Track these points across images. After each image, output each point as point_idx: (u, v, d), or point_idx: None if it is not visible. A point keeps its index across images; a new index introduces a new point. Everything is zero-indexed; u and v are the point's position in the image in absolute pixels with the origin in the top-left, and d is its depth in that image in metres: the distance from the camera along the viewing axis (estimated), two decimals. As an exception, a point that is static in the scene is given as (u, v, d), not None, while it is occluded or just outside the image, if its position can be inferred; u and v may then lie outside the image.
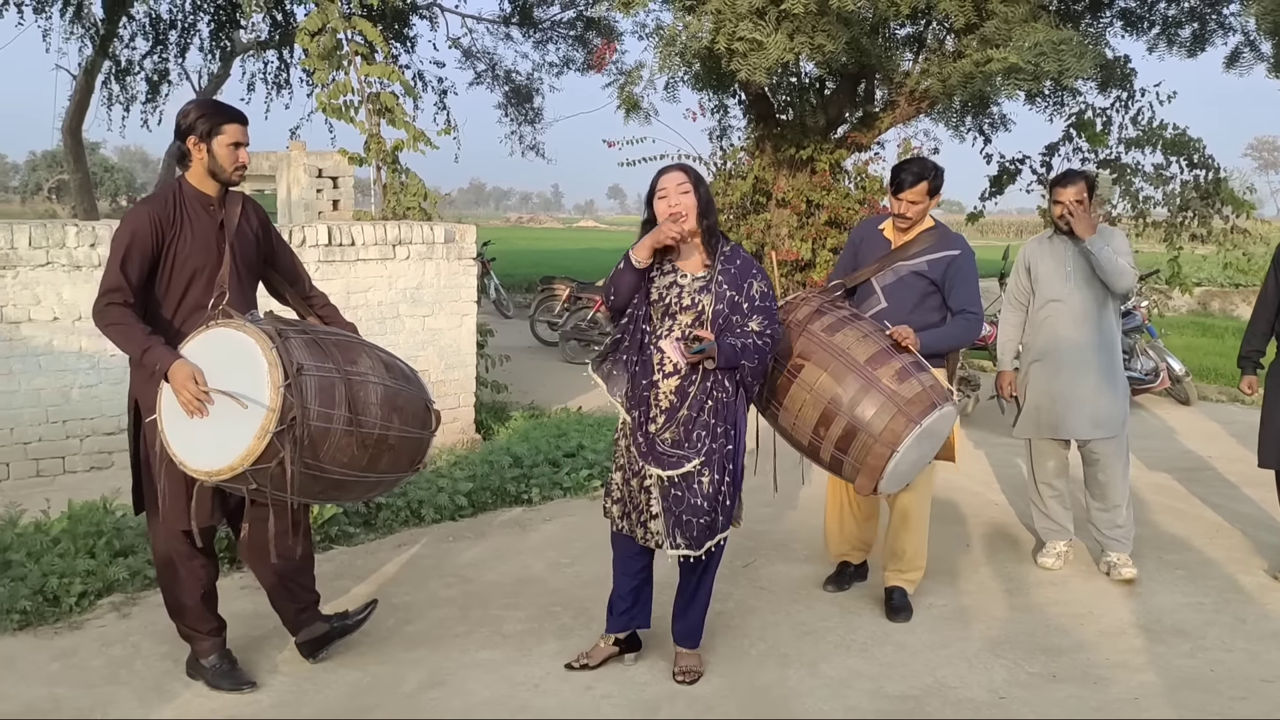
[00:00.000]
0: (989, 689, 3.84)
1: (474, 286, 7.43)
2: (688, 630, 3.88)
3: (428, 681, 3.79)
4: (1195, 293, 17.81)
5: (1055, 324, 4.99)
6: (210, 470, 3.19)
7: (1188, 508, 6.28)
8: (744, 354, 3.59)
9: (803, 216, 11.38)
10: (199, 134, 3.48)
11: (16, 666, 3.82)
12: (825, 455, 3.97)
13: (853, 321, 4.05)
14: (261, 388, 3.11)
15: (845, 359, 3.88)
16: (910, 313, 4.31)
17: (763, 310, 3.67)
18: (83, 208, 16.87)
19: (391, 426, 3.39)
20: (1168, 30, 11.84)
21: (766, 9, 8.84)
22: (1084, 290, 4.94)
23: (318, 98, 7.88)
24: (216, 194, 3.57)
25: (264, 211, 3.82)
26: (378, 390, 3.37)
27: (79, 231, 5.86)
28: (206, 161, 3.51)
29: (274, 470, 3.14)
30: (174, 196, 3.51)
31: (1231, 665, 4.09)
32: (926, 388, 3.87)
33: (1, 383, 5.68)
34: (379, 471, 3.44)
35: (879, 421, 3.79)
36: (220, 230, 3.54)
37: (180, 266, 3.48)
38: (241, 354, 3.18)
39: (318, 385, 3.21)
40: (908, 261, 4.43)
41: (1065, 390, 4.97)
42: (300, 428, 3.13)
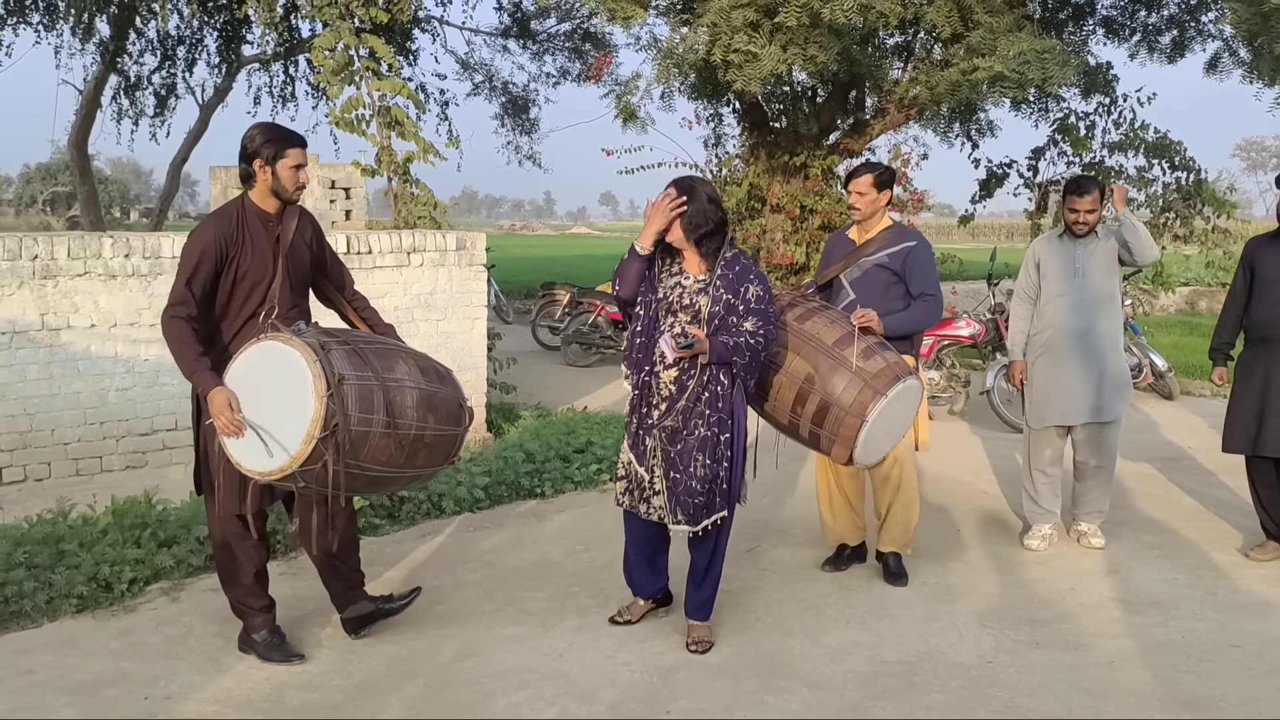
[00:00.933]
0: (977, 655, 4.17)
1: (484, 292, 7.77)
2: (700, 604, 4.23)
3: (461, 653, 4.12)
4: (1183, 292, 18.21)
5: (1061, 316, 5.37)
6: (262, 471, 3.53)
7: (1167, 494, 6.63)
8: (735, 351, 3.95)
9: (797, 221, 11.73)
10: (265, 157, 3.80)
11: (80, 644, 4.13)
12: (804, 431, 4.34)
13: (821, 311, 4.46)
14: (307, 397, 3.43)
15: (815, 343, 4.27)
16: (876, 302, 4.71)
17: (758, 312, 4.01)
18: (89, 220, 17.16)
19: (427, 426, 3.69)
20: (1148, 37, 12.21)
21: (760, 22, 9.19)
22: (1089, 286, 5.33)
23: (331, 112, 8.21)
24: (275, 210, 3.90)
25: (318, 224, 4.15)
26: (413, 394, 3.67)
27: (114, 243, 6.19)
28: (271, 182, 3.83)
29: (319, 471, 3.47)
30: (237, 214, 3.83)
31: (1202, 633, 4.42)
32: (890, 364, 4.26)
33: (42, 386, 6.00)
34: (416, 466, 3.76)
35: (848, 395, 4.16)
36: (276, 244, 3.86)
37: (241, 280, 3.81)
38: (289, 366, 3.50)
39: (358, 393, 3.52)
40: (870, 256, 4.85)
41: (1070, 379, 5.36)
42: (342, 433, 3.45)
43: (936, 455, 7.48)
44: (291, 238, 3.91)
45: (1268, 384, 5.18)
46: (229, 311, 3.84)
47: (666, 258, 4.11)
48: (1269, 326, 5.23)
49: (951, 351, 9.28)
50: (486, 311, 7.86)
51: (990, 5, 9.96)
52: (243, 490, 3.82)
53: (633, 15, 9.77)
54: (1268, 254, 5.30)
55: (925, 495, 6.45)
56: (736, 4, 9.07)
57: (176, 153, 17.91)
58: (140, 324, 6.28)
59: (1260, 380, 5.22)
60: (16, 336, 5.93)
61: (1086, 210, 5.30)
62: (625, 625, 4.38)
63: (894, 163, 11.60)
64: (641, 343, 4.10)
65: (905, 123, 11.88)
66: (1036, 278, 5.52)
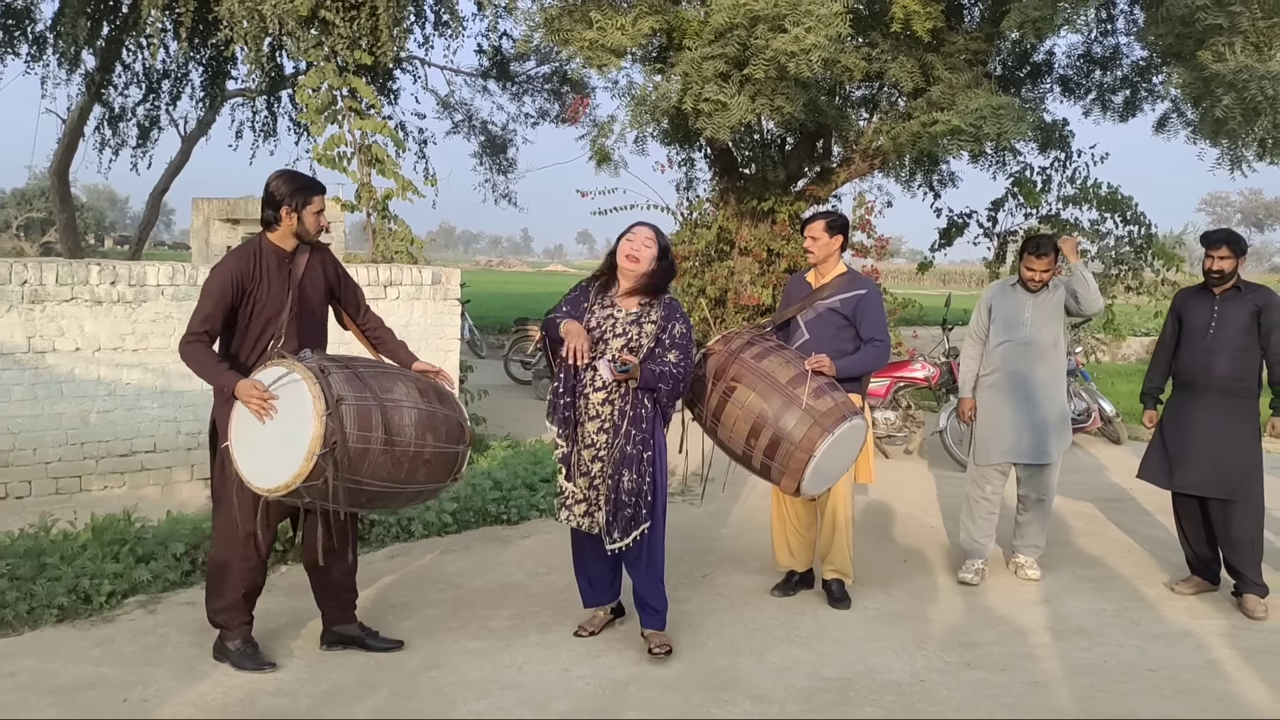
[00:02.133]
0: (911, 673, 4.45)
1: (457, 325, 8.05)
2: (654, 614, 4.54)
3: (425, 664, 4.35)
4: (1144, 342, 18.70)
5: (1008, 361, 5.72)
6: (270, 487, 3.81)
7: (1104, 532, 6.95)
8: (660, 379, 4.38)
9: (764, 264, 12.09)
10: (292, 204, 4.14)
11: (61, 651, 4.34)
12: (756, 462, 4.66)
13: (778, 350, 4.80)
14: (307, 415, 3.71)
15: (770, 380, 4.60)
16: (828, 343, 5.05)
17: (681, 347, 4.44)
18: (67, 246, 17.32)
19: (426, 444, 3.97)
20: (1102, 96, 12.75)
21: (730, 73, 9.58)
22: (1036, 334, 5.68)
23: (314, 150, 8.50)
24: (292, 249, 4.23)
25: (334, 261, 4.47)
26: (411, 413, 3.95)
27: (101, 270, 6.43)
28: (295, 226, 4.17)
29: (321, 486, 3.74)
30: (255, 253, 4.16)
31: (1122, 658, 4.73)
32: (839, 403, 4.59)
33: (27, 407, 6.21)
34: (418, 482, 4.03)
35: (799, 431, 4.48)
36: (289, 279, 4.18)
37: (257, 313, 4.12)
38: (293, 391, 3.81)
39: (356, 412, 3.80)
40: (824, 300, 5.19)
41: (1014, 420, 5.69)
42: (340, 450, 3.73)
43: (890, 491, 7.80)
44: (303, 273, 4.22)
45: (1188, 427, 5.52)
46: (245, 342, 4.15)
47: (600, 292, 4.48)
48: (1193, 374, 5.56)
49: (907, 393, 9.62)
50: (460, 345, 8.12)
51: (950, 62, 10.44)
52: (255, 507, 4.07)
53: (609, 63, 10.13)
54: (1194, 306, 5.63)
55: (878, 528, 6.76)
56: (707, 55, 9.45)
57: (157, 183, 18.16)
58: (124, 349, 6.52)
59: (1183, 423, 5.55)
60: (3, 358, 6.14)
61: (1042, 270, 5.66)
62: (588, 638, 4.66)
63: (858, 210, 12.00)
64: (569, 376, 4.45)
65: (870, 171, 12.30)
66: (987, 321, 5.87)
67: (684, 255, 12.58)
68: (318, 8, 8.67)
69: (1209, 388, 5.46)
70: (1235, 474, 5.39)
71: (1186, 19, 8.99)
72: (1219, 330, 5.44)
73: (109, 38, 13.27)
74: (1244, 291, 5.46)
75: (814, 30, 8.71)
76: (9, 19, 13.09)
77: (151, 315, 6.62)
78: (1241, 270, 5.54)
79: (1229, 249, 5.43)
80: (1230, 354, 5.41)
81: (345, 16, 8.79)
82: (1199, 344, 5.53)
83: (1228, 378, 5.41)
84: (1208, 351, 5.46)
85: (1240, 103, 8.96)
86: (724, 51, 9.36)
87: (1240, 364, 5.41)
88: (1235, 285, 5.47)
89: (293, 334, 4.15)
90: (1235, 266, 5.46)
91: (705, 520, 6.75)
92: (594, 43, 9.65)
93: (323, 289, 4.36)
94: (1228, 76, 8.69)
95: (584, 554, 4.69)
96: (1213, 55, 8.76)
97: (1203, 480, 5.45)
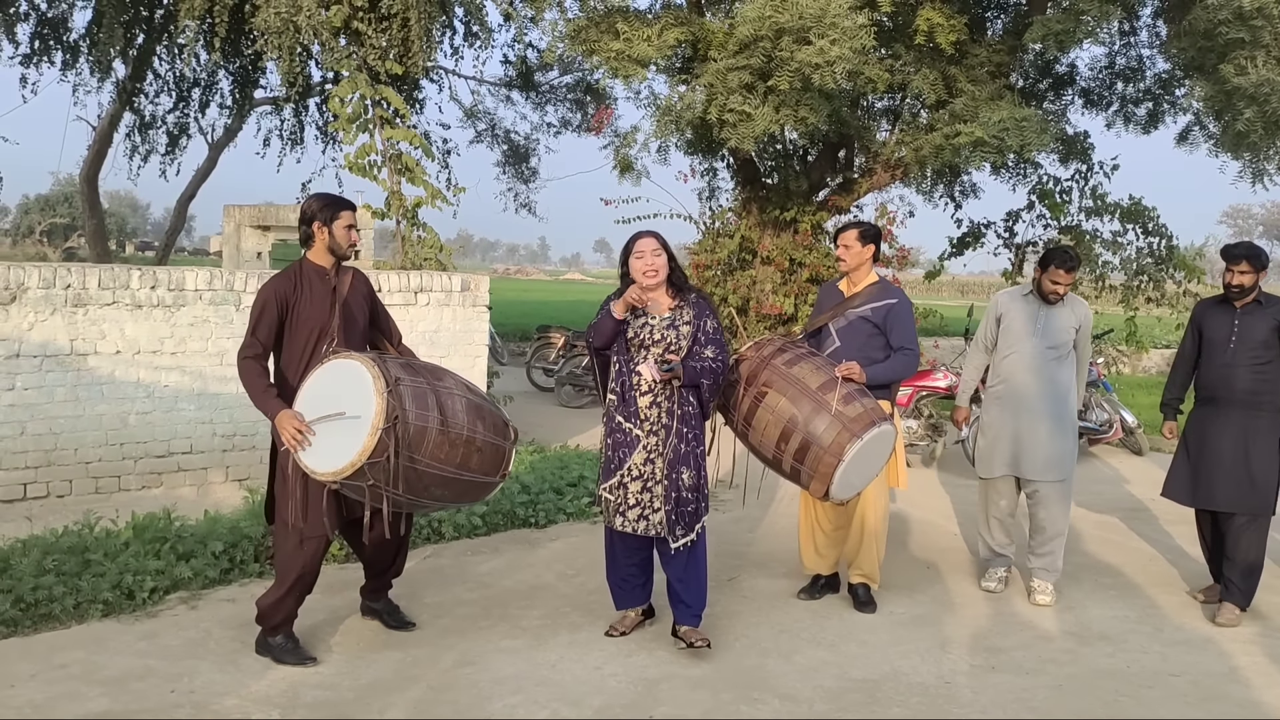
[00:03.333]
0: (937, 676, 4.53)
1: (485, 331, 8.17)
2: (689, 611, 4.65)
3: (461, 661, 4.46)
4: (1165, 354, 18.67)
5: (1018, 372, 5.65)
6: (335, 470, 3.94)
7: (1126, 541, 7.01)
8: (703, 374, 4.54)
9: (786, 274, 12.20)
10: (322, 220, 4.38)
11: (108, 644, 4.47)
12: (786, 466, 4.76)
13: (809, 357, 4.91)
14: (369, 395, 3.88)
15: (801, 386, 4.71)
16: (858, 351, 5.14)
17: (715, 341, 4.58)
18: (95, 252, 17.55)
19: (477, 431, 4.17)
20: (1125, 108, 12.81)
21: (755, 84, 9.70)
22: (1045, 345, 5.62)
23: (345, 158, 8.65)
24: (331, 266, 4.44)
25: (369, 282, 4.68)
26: (462, 400, 4.17)
27: (142, 275, 6.59)
28: (328, 241, 4.40)
29: (384, 465, 3.90)
30: (296, 272, 4.39)
31: (1145, 663, 4.79)
32: (868, 409, 4.68)
33: (68, 408, 6.36)
34: (471, 470, 4.19)
35: (828, 436, 4.58)
36: (333, 294, 4.39)
37: (300, 325, 4.31)
38: (351, 373, 4.01)
39: (413, 393, 4.01)
40: (856, 309, 5.27)
41: (1020, 432, 5.63)
42: (402, 425, 3.91)
43: (912, 499, 7.88)
44: (346, 291, 4.44)
45: (1212, 443, 5.53)
46: (293, 356, 4.33)
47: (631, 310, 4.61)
48: (1214, 388, 5.56)
49: (929, 402, 9.69)
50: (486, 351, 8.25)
51: (973, 75, 10.54)
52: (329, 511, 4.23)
53: (634, 73, 10.27)
54: (1214, 318, 5.62)
55: (900, 536, 6.83)
56: (733, 67, 9.58)
57: (184, 190, 18.39)
58: (162, 351, 6.68)
59: (1206, 438, 5.57)
60: (47, 360, 6.30)
61: (1066, 283, 5.60)
62: (619, 638, 4.77)
63: (880, 220, 12.09)
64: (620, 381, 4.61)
65: (892, 182, 12.40)
66: (996, 331, 5.80)
67: (706, 264, 12.70)
68: (350, 19, 8.82)
69: (1230, 402, 5.46)
70: (1259, 490, 5.39)
71: (1209, 33, 9.07)
72: (1239, 344, 5.45)
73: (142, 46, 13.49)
74: (1265, 305, 5.44)
75: (838, 42, 8.83)
76: (44, 28, 13.32)
77: (189, 319, 6.78)
78: (1262, 283, 5.58)
79: (1249, 264, 5.42)
80: (1251, 368, 5.41)
81: (377, 28, 8.94)
82: (1220, 358, 5.52)
83: (1249, 392, 5.42)
84: (1228, 366, 5.46)
85: (1262, 116, 9.02)
86: (749, 63, 9.49)
87: (1261, 378, 5.41)
88: (1256, 299, 5.47)
89: (341, 344, 4.32)
90: (1256, 281, 5.47)
91: (731, 525, 6.84)
92: (620, 53, 9.80)
93: (365, 310, 4.57)
94: (1249, 90, 8.75)
95: (617, 557, 4.79)
96: (1235, 69, 8.83)
97: (1226, 497, 5.46)
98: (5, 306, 6.16)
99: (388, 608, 4.84)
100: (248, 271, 7.15)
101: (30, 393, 6.28)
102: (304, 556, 4.29)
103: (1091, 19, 9.47)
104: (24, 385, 6.26)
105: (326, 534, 4.27)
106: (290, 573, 4.31)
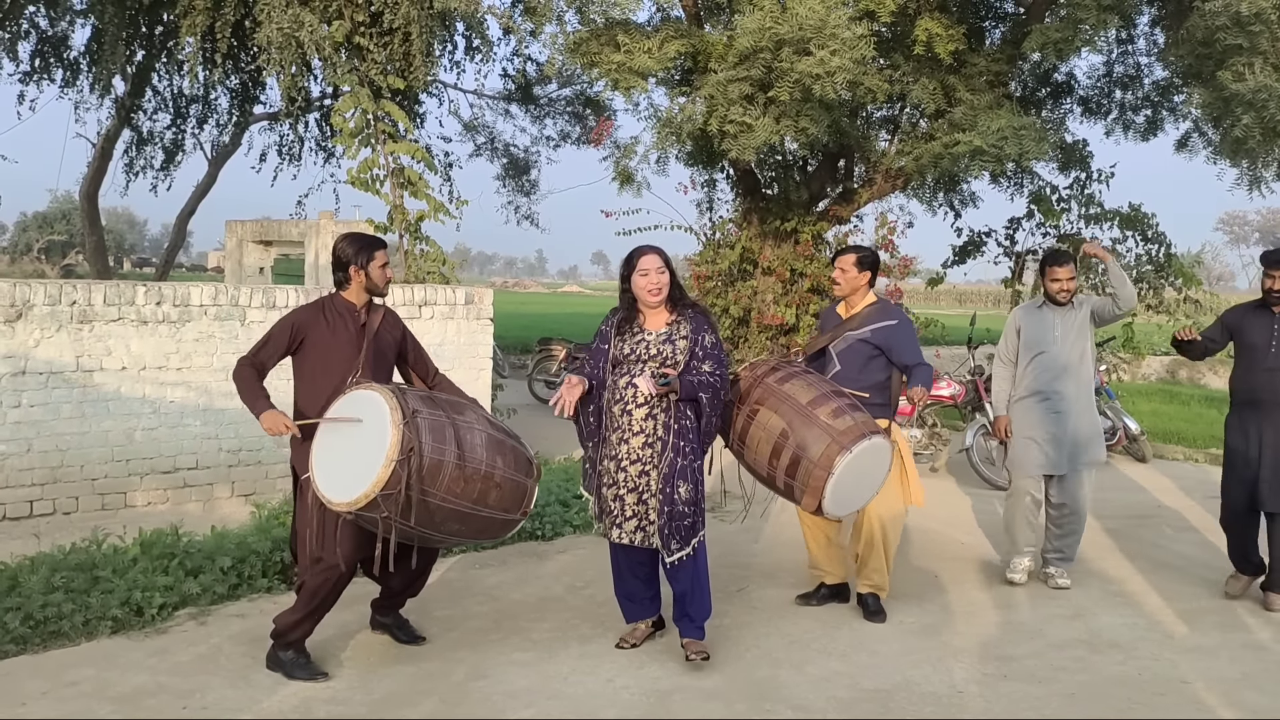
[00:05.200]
0: (949, 685, 4.53)
1: (489, 344, 8.18)
2: (692, 624, 4.63)
3: (472, 674, 4.45)
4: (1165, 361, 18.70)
5: (1039, 378, 5.88)
6: (350, 501, 3.92)
7: (1134, 548, 7.01)
8: (701, 388, 4.51)
9: (787, 284, 12.20)
10: (359, 263, 4.44)
11: (118, 661, 4.45)
12: (779, 482, 4.78)
13: (802, 375, 4.93)
14: (385, 426, 3.87)
15: (791, 402, 4.74)
16: (859, 372, 5.20)
17: (713, 357, 4.57)
18: (95, 268, 17.56)
19: (496, 466, 4.13)
20: (1123, 116, 12.85)
21: (755, 95, 9.73)
22: (1065, 350, 5.83)
23: (348, 173, 8.67)
24: (363, 305, 4.50)
25: (401, 321, 4.73)
26: (482, 435, 4.14)
27: (147, 291, 6.60)
28: (365, 282, 4.46)
29: (397, 497, 3.87)
30: (324, 306, 4.48)
31: (1156, 671, 4.79)
32: (859, 422, 4.69)
33: (74, 424, 6.36)
34: (489, 506, 4.15)
35: (817, 449, 4.60)
36: (362, 330, 4.44)
37: (320, 358, 4.37)
38: (370, 403, 4.01)
39: (430, 425, 3.98)
40: (855, 331, 5.31)
41: (1046, 434, 5.84)
42: (417, 458, 3.88)
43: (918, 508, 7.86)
44: (377, 328, 4.48)
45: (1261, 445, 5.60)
46: (313, 389, 4.36)
47: (624, 321, 4.60)
48: (1257, 391, 5.66)
49: (933, 411, 9.69)
50: (491, 364, 8.25)
51: (972, 84, 10.57)
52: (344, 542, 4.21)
53: (635, 85, 10.30)
54: (1251, 323, 5.74)
55: (908, 545, 6.82)
56: (733, 78, 9.60)
57: (184, 205, 18.42)
58: (168, 367, 6.68)
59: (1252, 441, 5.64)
60: (53, 377, 6.30)
61: (1067, 279, 5.81)
62: (630, 650, 4.75)
63: (880, 229, 12.10)
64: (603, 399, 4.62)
65: (892, 191, 12.43)
66: (1016, 343, 6.03)
67: (707, 275, 12.70)
68: (352, 34, 8.86)
69: (1275, 404, 5.58)
70: None
71: (1207, 40, 9.09)
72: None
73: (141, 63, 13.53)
74: None
75: (838, 53, 8.86)
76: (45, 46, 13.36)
77: (195, 335, 6.79)
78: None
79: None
80: None
81: (379, 42, 8.97)
82: (1262, 362, 5.65)
83: None
84: (1271, 370, 5.60)
85: (1260, 122, 9.05)
86: (749, 74, 9.51)
87: None
88: None
89: (366, 379, 4.34)
90: None
91: (739, 535, 6.84)
92: (621, 66, 9.82)
93: (395, 347, 4.60)
94: (1247, 96, 8.78)
95: (623, 570, 4.79)
96: (1233, 75, 8.85)
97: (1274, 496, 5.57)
98: (11, 323, 6.16)
99: (398, 622, 4.83)
100: (252, 287, 7.15)
101: (36, 409, 6.28)
102: (322, 584, 4.28)
103: (1089, 27, 9.50)
104: (30, 402, 6.26)
105: (339, 564, 4.22)
106: (313, 598, 4.31)
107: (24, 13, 12.65)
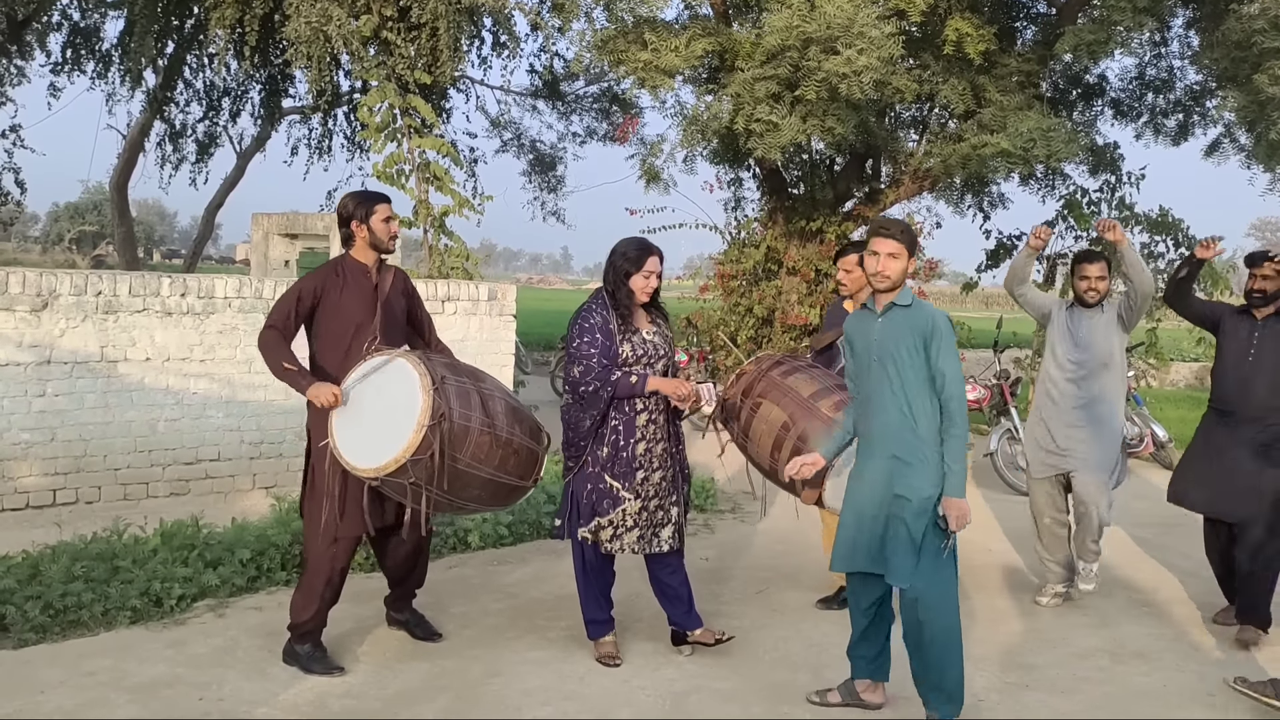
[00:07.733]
0: (971, 693, 4.44)
1: (512, 341, 8.16)
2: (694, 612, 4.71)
3: (488, 672, 4.43)
4: (1193, 367, 18.48)
5: (1066, 380, 5.71)
6: (378, 466, 3.92)
7: (1160, 557, 6.91)
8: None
9: (811, 284, 12.13)
10: (359, 217, 4.38)
11: (136, 652, 4.47)
12: (783, 476, 4.71)
13: (807, 369, 4.93)
14: (415, 393, 3.88)
15: (793, 395, 4.75)
16: None
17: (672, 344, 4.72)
18: (124, 260, 17.71)
19: (515, 433, 4.19)
20: (1155, 120, 12.69)
21: (782, 94, 9.66)
22: (1093, 353, 5.67)
23: (374, 166, 8.68)
24: (373, 263, 4.45)
25: (408, 279, 4.70)
26: (502, 402, 4.21)
27: (172, 282, 6.62)
28: (368, 237, 4.40)
29: (427, 463, 3.88)
30: (337, 266, 4.43)
31: (1181, 682, 4.71)
32: None
33: (98, 415, 6.39)
34: (508, 473, 4.19)
35: (817, 441, 4.52)
36: (375, 291, 4.40)
37: (338, 317, 4.32)
38: (397, 371, 4.03)
39: (457, 391, 4.03)
40: None
41: (1067, 434, 5.67)
42: (447, 422, 3.91)
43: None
44: (389, 289, 4.44)
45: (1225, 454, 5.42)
46: (330, 347, 4.33)
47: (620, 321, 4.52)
48: (1229, 399, 5.47)
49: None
50: (514, 360, 8.24)
51: (1002, 84, 10.45)
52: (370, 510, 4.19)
53: (662, 83, 10.25)
54: (1234, 325, 5.51)
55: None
56: (759, 77, 9.54)
57: (213, 198, 18.54)
58: (191, 359, 6.70)
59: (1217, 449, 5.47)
60: (77, 367, 6.34)
61: (1097, 277, 5.62)
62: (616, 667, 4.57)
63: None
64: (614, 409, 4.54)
65: (919, 193, 12.31)
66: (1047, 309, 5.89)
67: (731, 274, 12.65)
68: (380, 28, 8.87)
69: (1246, 417, 5.37)
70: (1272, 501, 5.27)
71: (1243, 43, 8.96)
72: (1259, 356, 5.37)
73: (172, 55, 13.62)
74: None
75: (866, 52, 8.78)
76: (77, 38, 13.47)
77: (219, 327, 6.81)
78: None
79: (1272, 266, 5.36)
80: (1270, 381, 5.34)
81: (406, 37, 8.98)
82: (1238, 369, 5.44)
83: (1266, 406, 5.33)
84: (1246, 379, 5.39)
85: (1295, 127, 8.91)
86: (776, 73, 9.44)
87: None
88: (1278, 310, 5.41)
89: (384, 340, 4.32)
90: (1278, 288, 5.41)
91: (759, 537, 6.80)
92: (648, 64, 9.78)
93: (404, 306, 4.57)
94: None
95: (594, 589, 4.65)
96: (1269, 79, 8.71)
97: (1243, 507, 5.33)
98: (37, 313, 6.19)
99: (414, 618, 4.81)
100: (276, 279, 7.17)
101: (61, 399, 6.31)
102: (336, 557, 4.28)
103: (1124, 29, 9.38)
104: (54, 391, 6.29)
105: (362, 532, 4.24)
106: (320, 575, 4.30)
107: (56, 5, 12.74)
